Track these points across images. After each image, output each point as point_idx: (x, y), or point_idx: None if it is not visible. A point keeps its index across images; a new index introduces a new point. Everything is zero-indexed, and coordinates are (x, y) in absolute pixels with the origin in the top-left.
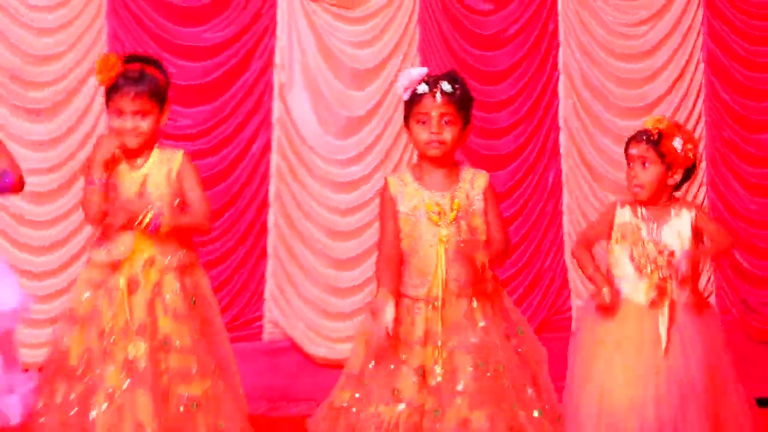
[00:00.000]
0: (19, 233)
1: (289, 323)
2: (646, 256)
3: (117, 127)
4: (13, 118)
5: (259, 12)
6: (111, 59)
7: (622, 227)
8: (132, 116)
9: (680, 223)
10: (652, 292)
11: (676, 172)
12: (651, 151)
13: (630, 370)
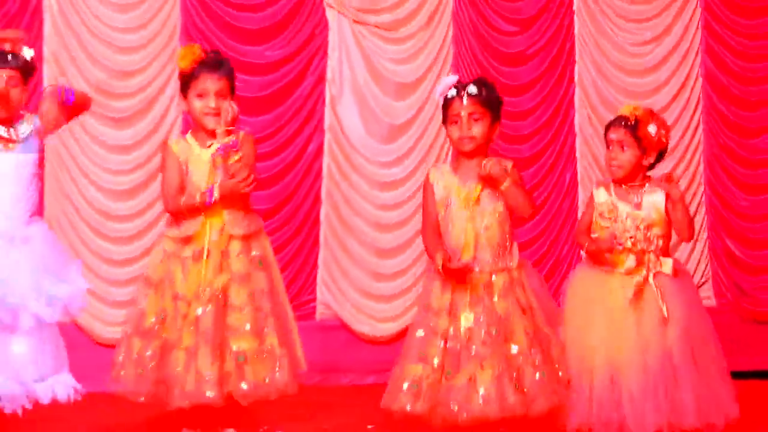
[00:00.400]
0: (105, 227)
1: (339, 305)
2: (625, 230)
3: (199, 107)
4: (100, 125)
5: (313, 33)
6: (194, 48)
7: (600, 206)
8: (215, 97)
9: (655, 198)
10: (631, 262)
11: (650, 154)
12: (628, 136)
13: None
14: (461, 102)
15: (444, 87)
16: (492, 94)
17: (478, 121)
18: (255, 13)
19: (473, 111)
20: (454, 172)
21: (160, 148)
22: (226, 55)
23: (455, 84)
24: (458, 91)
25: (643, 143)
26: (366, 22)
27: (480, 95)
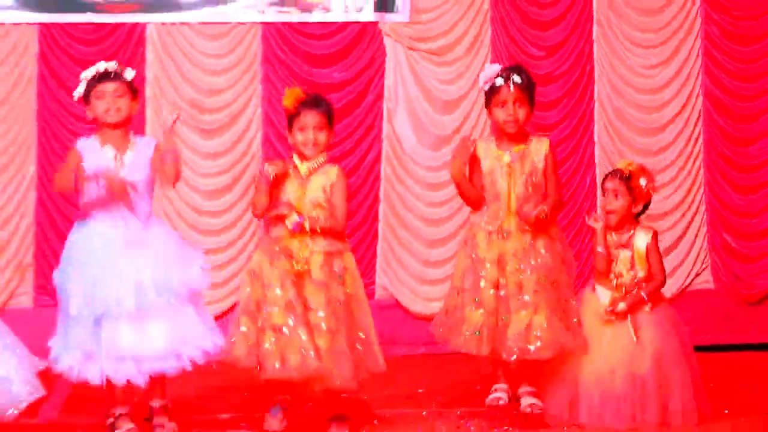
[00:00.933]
0: (198, 221)
1: (394, 287)
2: (618, 273)
3: (300, 139)
4: (192, 135)
5: (373, 58)
6: (296, 90)
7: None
8: (313, 130)
9: (639, 245)
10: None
11: (639, 203)
12: (623, 186)
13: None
14: (508, 89)
15: (490, 75)
16: (531, 82)
17: (521, 106)
18: (324, 41)
19: (517, 97)
20: (498, 147)
21: (243, 155)
22: (310, 83)
23: (501, 72)
24: (505, 80)
25: (634, 193)
26: (418, 48)
27: (523, 83)
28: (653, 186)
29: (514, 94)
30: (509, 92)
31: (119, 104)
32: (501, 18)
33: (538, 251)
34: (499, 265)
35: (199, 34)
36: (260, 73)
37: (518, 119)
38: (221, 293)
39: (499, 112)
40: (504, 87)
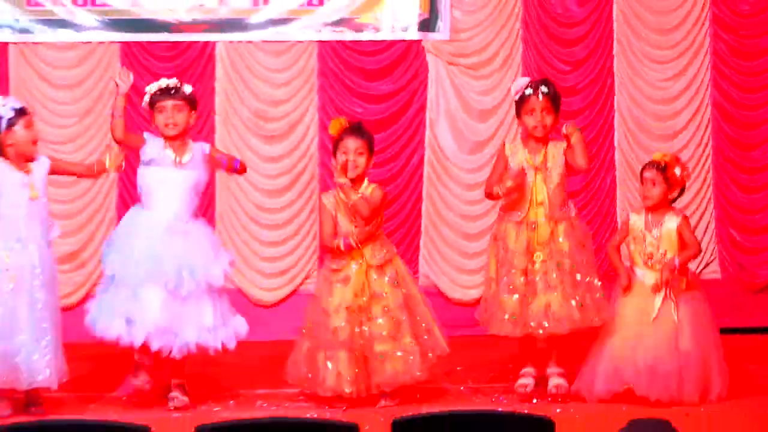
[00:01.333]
0: (260, 216)
1: (436, 276)
2: (649, 254)
3: (341, 162)
4: (256, 141)
5: (417, 72)
6: (341, 120)
7: (633, 230)
8: (355, 154)
9: (671, 226)
10: (652, 279)
11: (674, 190)
12: (659, 176)
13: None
14: (537, 98)
15: (520, 86)
16: (557, 93)
17: (548, 114)
18: (373, 57)
19: (545, 106)
20: (526, 149)
21: (301, 159)
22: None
23: (530, 84)
24: (534, 90)
25: (670, 181)
26: (457, 63)
27: (549, 93)
28: (687, 174)
29: (542, 102)
30: (538, 101)
31: (177, 119)
32: (531, 37)
33: (557, 239)
34: (527, 254)
35: (263, 51)
36: (316, 86)
37: (546, 125)
38: (279, 282)
39: (528, 119)
40: (533, 96)
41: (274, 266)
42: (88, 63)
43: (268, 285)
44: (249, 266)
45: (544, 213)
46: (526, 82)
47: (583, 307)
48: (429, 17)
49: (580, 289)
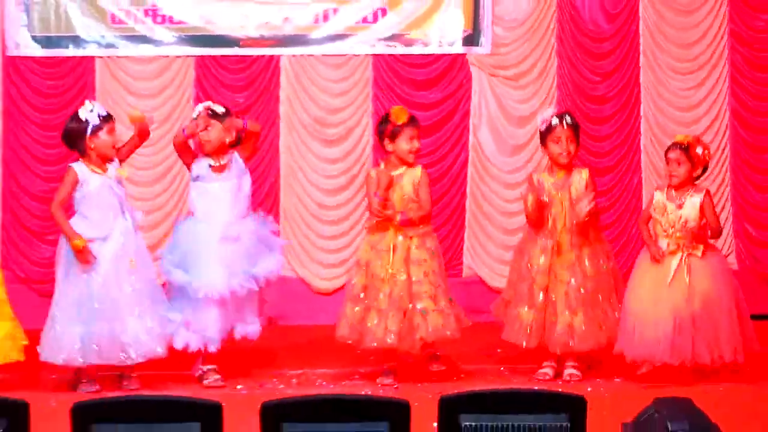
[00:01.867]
0: (320, 213)
1: (478, 267)
2: (669, 223)
3: (408, 148)
4: (315, 144)
5: (462, 83)
6: (405, 109)
7: (656, 204)
8: (417, 140)
9: (694, 201)
10: (672, 245)
11: (697, 168)
12: (683, 155)
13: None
14: (563, 128)
15: (547, 117)
16: (578, 124)
17: (571, 143)
18: (422, 69)
19: (569, 135)
20: (552, 178)
21: (357, 161)
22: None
23: (556, 114)
24: (560, 121)
25: (693, 160)
26: (497, 74)
27: (573, 124)
28: (709, 153)
29: (566, 132)
30: (563, 130)
31: (209, 135)
32: (564, 50)
33: (583, 263)
34: (550, 274)
35: (323, 64)
36: (371, 95)
37: (570, 152)
38: (337, 272)
39: (554, 146)
40: (559, 126)
41: (333, 258)
42: (166, 75)
43: (326, 275)
44: (310, 258)
45: (569, 239)
46: (552, 113)
47: (605, 327)
48: (472, 33)
49: (599, 310)
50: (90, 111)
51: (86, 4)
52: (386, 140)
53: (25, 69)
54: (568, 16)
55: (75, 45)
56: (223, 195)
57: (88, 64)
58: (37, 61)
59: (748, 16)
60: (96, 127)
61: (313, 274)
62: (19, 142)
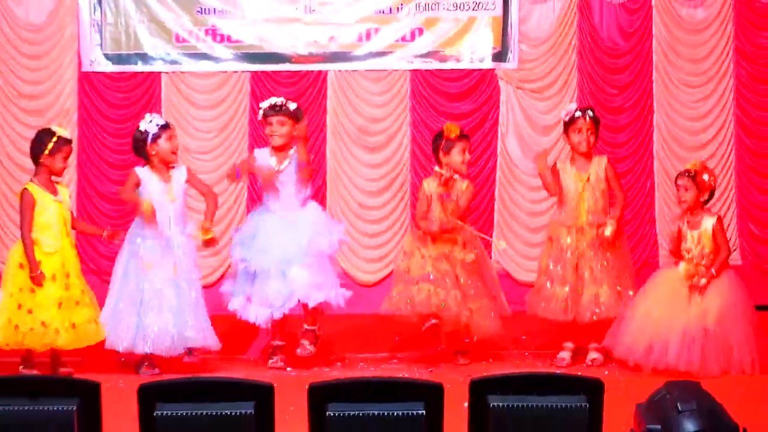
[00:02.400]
0: (362, 213)
1: (506, 262)
2: (688, 249)
3: (459, 160)
4: (358, 150)
5: (491, 95)
6: (456, 125)
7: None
8: (468, 152)
9: (707, 225)
10: (689, 268)
11: (704, 193)
12: (690, 182)
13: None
14: (585, 120)
15: (571, 109)
16: (598, 118)
17: (591, 134)
18: (455, 83)
19: (589, 127)
20: (573, 166)
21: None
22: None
23: (579, 108)
24: (582, 114)
25: (700, 186)
26: (523, 87)
27: (594, 117)
28: (714, 179)
29: (587, 123)
30: (584, 122)
31: (281, 131)
32: (584, 66)
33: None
34: (577, 253)
35: (365, 78)
36: (409, 106)
37: (590, 142)
38: (377, 266)
39: (575, 136)
40: (581, 118)
41: (374, 254)
42: (224, 88)
43: (368, 269)
44: (354, 254)
45: (589, 220)
46: (576, 106)
47: (623, 294)
48: (501, 50)
49: (620, 280)
50: (149, 122)
51: (153, 25)
52: (441, 153)
53: (98, 83)
54: (587, 35)
55: (143, 62)
56: (280, 186)
57: (155, 79)
58: (109, 76)
59: (752, 34)
60: (155, 135)
61: (356, 267)
62: (93, 148)
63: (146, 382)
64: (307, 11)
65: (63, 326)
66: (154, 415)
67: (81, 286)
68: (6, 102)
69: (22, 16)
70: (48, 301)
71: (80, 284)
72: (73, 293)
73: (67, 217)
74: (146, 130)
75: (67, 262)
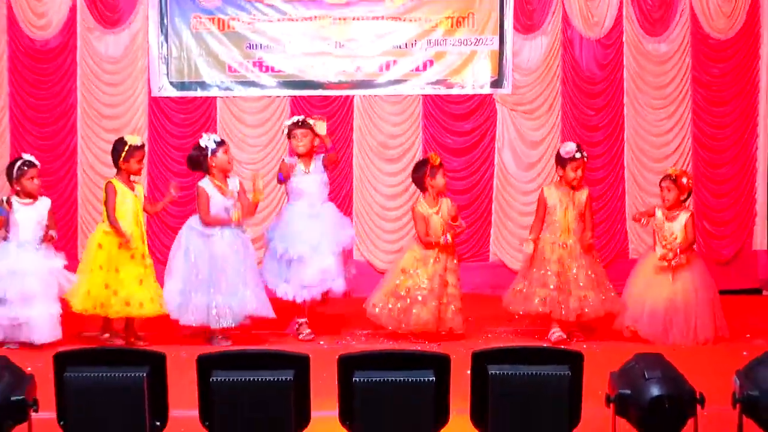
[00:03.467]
0: (383, 213)
1: (501, 254)
2: (664, 236)
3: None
4: (379, 161)
5: (489, 115)
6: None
7: (657, 222)
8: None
9: (681, 220)
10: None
11: (684, 193)
12: (672, 184)
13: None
14: (582, 160)
15: (572, 150)
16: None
17: (583, 170)
18: (459, 105)
19: (583, 166)
20: (559, 192)
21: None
22: None
23: (577, 148)
24: (581, 155)
25: (680, 188)
26: (516, 109)
27: (584, 157)
28: (691, 181)
29: (582, 163)
30: (582, 162)
31: (304, 142)
32: (567, 91)
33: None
34: (560, 263)
35: (385, 102)
36: (421, 125)
37: (582, 178)
38: (394, 257)
39: (571, 172)
40: (580, 158)
41: (391, 246)
42: (268, 110)
43: (386, 259)
44: (375, 246)
45: (573, 238)
46: (575, 147)
47: (606, 299)
48: (497, 78)
49: (601, 288)
50: (208, 139)
51: (210, 58)
52: (427, 178)
53: (164, 106)
54: (569, 66)
55: (201, 88)
56: (309, 186)
57: (211, 103)
58: (174, 100)
59: (706, 65)
60: (214, 150)
61: (376, 257)
62: (160, 159)
63: (203, 353)
64: (337, 46)
65: (137, 299)
66: (210, 381)
67: (150, 266)
68: (90, 122)
69: (103, 52)
70: (127, 277)
71: (150, 264)
72: (146, 271)
73: (139, 209)
74: (206, 146)
75: (139, 246)
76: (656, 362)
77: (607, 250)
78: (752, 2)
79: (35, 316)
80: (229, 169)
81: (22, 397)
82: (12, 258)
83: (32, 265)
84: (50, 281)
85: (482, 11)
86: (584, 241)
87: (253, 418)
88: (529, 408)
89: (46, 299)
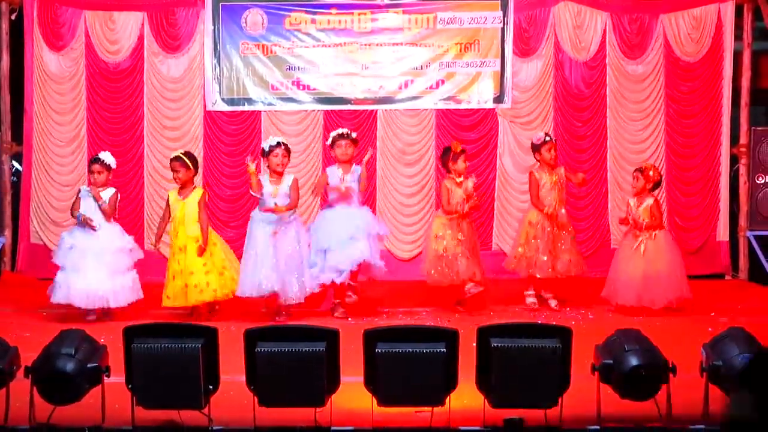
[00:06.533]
0: (402, 209)
1: (501, 243)
2: (635, 219)
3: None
4: (399, 165)
5: (491, 126)
6: (459, 144)
7: (630, 208)
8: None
9: (648, 203)
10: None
11: (649, 183)
12: (640, 175)
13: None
14: (552, 142)
15: (541, 136)
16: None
17: (556, 150)
18: (466, 118)
19: (554, 146)
20: (546, 174)
21: (425, 177)
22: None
23: (546, 135)
24: (549, 137)
25: (646, 178)
26: (515, 121)
27: (554, 139)
28: (658, 174)
29: (553, 144)
30: (552, 143)
31: (348, 151)
32: (558, 105)
33: (568, 223)
34: (551, 230)
35: (404, 115)
36: (434, 135)
37: (556, 157)
38: (411, 247)
39: (546, 153)
40: (550, 141)
41: (409, 238)
42: (305, 122)
43: (405, 249)
44: (395, 238)
45: (558, 208)
46: (543, 134)
47: (582, 258)
48: (499, 95)
49: (576, 249)
50: (266, 143)
51: (256, 78)
52: (450, 162)
53: (217, 119)
54: (560, 84)
55: (248, 104)
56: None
57: (257, 116)
58: (225, 114)
59: (677, 84)
60: (267, 151)
61: (396, 248)
62: (214, 165)
63: (249, 327)
64: (363, 68)
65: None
66: (255, 351)
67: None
68: (155, 132)
69: (166, 73)
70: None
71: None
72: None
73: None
74: (263, 147)
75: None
76: (635, 336)
77: (592, 241)
78: (716, 30)
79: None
80: (281, 169)
81: (97, 364)
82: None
83: (100, 244)
84: (120, 257)
85: (486, 38)
86: (578, 178)
87: (292, 382)
88: (526, 375)
89: (117, 272)
